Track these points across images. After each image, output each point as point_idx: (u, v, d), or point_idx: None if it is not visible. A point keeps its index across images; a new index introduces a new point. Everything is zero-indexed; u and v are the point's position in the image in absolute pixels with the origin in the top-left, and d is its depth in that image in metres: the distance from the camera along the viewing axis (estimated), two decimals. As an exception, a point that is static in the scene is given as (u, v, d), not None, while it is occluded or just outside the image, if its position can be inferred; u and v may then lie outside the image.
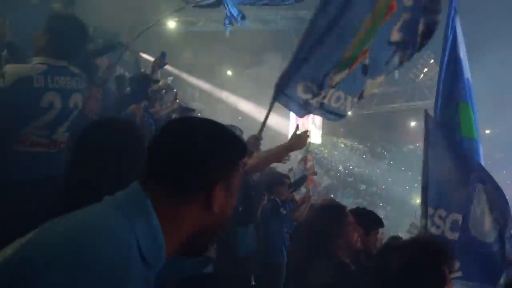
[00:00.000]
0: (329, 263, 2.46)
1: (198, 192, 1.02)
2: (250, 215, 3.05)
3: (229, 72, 17.04)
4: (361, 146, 18.71)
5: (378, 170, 17.21)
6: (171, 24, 14.25)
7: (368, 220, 3.07)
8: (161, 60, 4.44)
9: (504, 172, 13.60)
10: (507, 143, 12.05)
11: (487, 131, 14.36)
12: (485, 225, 3.03)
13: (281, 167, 5.23)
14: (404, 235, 7.64)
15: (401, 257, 1.66)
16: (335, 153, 18.17)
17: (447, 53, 3.55)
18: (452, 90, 3.59)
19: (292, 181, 5.82)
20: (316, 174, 7.26)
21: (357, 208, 3.25)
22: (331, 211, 2.72)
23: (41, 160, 2.59)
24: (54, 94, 2.58)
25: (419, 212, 3.19)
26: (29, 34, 2.81)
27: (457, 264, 2.73)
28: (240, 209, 2.89)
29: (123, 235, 0.90)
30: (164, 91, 7.02)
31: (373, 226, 3.22)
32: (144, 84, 4.48)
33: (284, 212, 5.12)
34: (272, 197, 5.17)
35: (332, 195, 13.24)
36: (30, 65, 2.60)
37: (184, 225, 1.01)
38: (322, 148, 16.73)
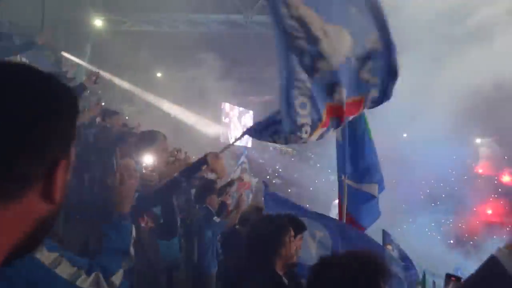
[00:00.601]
0: (264, 276, 2.47)
1: (32, 183, 0.67)
2: (172, 228, 2.97)
3: (158, 74, 16.63)
4: (289, 149, 19.16)
5: (305, 172, 17.73)
6: (98, 23, 13.65)
7: (293, 225, 3.14)
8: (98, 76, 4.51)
9: (420, 174, 14.53)
10: (423, 146, 12.92)
11: (405, 135, 15.26)
12: (311, 251, 3.46)
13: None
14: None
15: (340, 271, 1.71)
16: (265, 156, 18.47)
17: None
18: None
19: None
20: (242, 180, 7.30)
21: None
22: (276, 222, 2.70)
23: None
24: None
25: None
26: None
27: None
28: (161, 221, 2.81)
29: None
30: (88, 91, 6.72)
31: (297, 231, 3.31)
32: (77, 92, 4.28)
33: (218, 220, 5.03)
34: (204, 205, 5.07)
35: (262, 198, 13.37)
36: None
37: (13, 231, 0.66)
38: (253, 152, 16.90)
